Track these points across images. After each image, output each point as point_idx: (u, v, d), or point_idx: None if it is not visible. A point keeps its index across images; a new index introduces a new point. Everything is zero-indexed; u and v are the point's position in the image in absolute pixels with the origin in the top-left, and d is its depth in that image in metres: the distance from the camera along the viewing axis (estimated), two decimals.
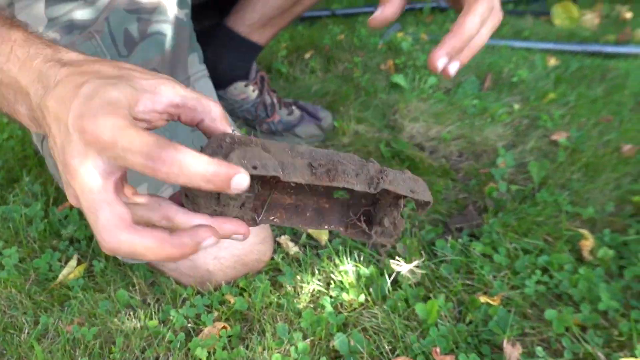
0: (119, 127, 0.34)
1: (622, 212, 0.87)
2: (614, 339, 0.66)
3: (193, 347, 0.65)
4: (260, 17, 1.04)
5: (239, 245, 0.73)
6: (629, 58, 1.39)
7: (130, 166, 0.34)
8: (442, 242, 0.81)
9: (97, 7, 0.68)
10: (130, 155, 0.34)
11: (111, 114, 0.34)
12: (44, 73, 0.39)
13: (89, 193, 0.35)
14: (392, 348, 0.66)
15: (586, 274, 0.73)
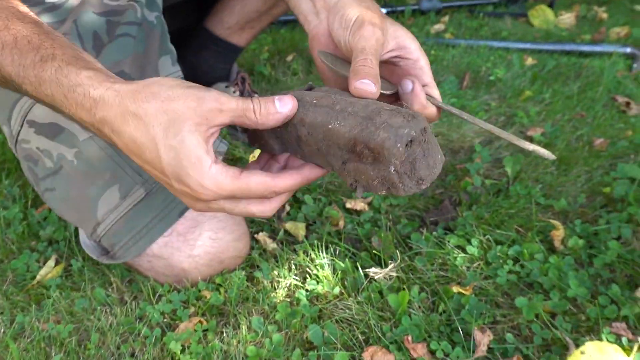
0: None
1: (593, 203, 0.89)
2: (582, 324, 0.67)
3: (168, 341, 0.66)
4: (239, 20, 1.05)
5: (214, 243, 0.73)
6: (604, 56, 1.41)
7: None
8: (417, 235, 0.82)
9: (64, 10, 0.69)
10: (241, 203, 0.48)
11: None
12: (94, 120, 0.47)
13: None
14: (365, 338, 0.67)
15: (556, 262, 0.75)
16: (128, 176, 0.68)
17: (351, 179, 0.46)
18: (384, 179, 0.44)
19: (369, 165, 0.44)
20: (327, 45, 0.58)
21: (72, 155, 0.68)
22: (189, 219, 0.71)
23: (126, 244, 0.70)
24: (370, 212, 0.89)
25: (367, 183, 0.45)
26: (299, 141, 0.48)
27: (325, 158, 0.47)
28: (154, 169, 0.46)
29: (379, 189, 0.44)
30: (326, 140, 0.46)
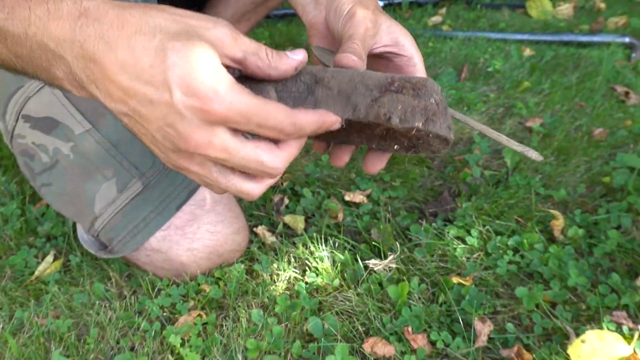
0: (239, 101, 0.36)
1: (593, 193, 0.89)
2: (582, 313, 0.67)
3: (167, 335, 0.65)
4: (235, 13, 1.05)
5: (212, 236, 0.73)
6: (602, 46, 1.41)
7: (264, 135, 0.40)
8: (417, 227, 0.82)
9: None
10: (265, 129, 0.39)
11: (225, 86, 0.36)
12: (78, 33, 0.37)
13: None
14: (365, 329, 0.67)
15: (556, 252, 0.75)
16: (125, 169, 0.68)
17: (385, 110, 0.44)
18: (424, 108, 0.44)
19: (409, 97, 0.44)
20: (325, 36, 0.58)
21: (68, 149, 0.68)
22: (187, 213, 0.71)
23: (124, 238, 0.70)
24: (369, 204, 0.88)
25: (404, 113, 0.44)
26: (314, 86, 0.45)
27: (349, 98, 0.45)
28: (148, 83, 0.36)
29: (417, 118, 0.44)
30: (352, 82, 0.45)
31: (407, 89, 0.44)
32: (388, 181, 0.94)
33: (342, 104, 0.44)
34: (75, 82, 0.40)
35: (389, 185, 0.94)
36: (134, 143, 0.69)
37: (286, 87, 0.45)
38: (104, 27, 0.37)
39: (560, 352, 0.61)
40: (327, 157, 0.99)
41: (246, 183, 0.43)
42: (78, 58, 0.38)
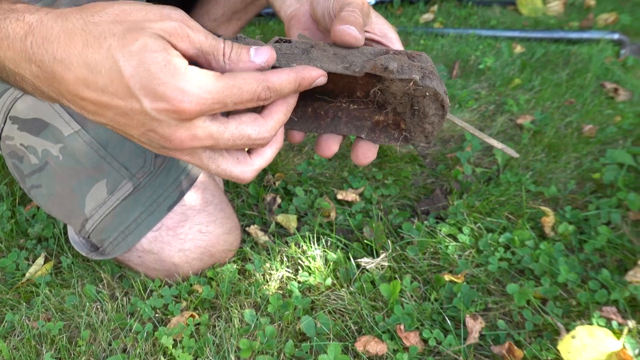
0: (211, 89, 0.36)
1: (583, 189, 0.89)
2: (573, 309, 0.68)
3: (160, 336, 0.65)
4: (225, 11, 1.04)
5: (204, 237, 0.73)
6: (592, 43, 1.42)
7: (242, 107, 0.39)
8: (409, 225, 0.82)
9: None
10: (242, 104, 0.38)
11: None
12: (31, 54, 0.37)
13: None
14: (358, 328, 0.67)
15: (547, 249, 0.75)
16: (115, 171, 0.68)
17: (381, 62, 0.43)
18: (421, 68, 0.44)
19: (406, 57, 0.44)
20: (308, 26, 0.56)
21: (57, 150, 0.67)
22: (178, 213, 0.71)
23: (115, 240, 0.69)
24: (362, 202, 0.88)
25: (401, 66, 0.44)
26: (310, 49, 0.44)
27: (345, 58, 0.45)
28: (115, 96, 0.36)
29: (414, 72, 0.44)
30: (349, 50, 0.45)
31: (403, 55, 0.45)
32: (380, 179, 0.95)
33: (337, 62, 0.44)
34: (45, 95, 0.40)
35: (382, 184, 0.94)
36: (124, 144, 0.69)
37: (281, 50, 0.44)
38: (54, 46, 0.36)
39: (550, 348, 0.62)
40: (319, 156, 0.99)
41: (236, 167, 0.42)
42: (40, 78, 0.37)
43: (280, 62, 0.43)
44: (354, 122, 0.49)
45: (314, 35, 0.56)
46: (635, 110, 1.10)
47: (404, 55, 0.45)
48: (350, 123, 0.49)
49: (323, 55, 0.44)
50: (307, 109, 0.49)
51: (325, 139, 0.50)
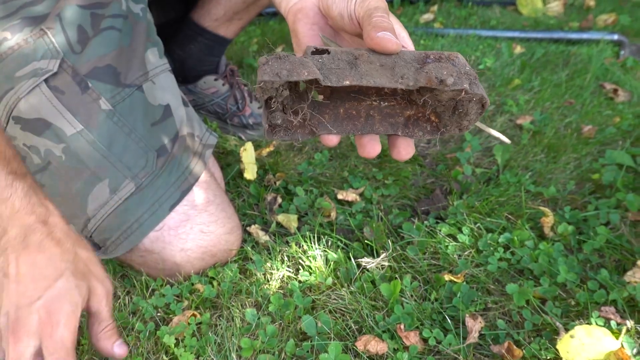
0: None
1: (582, 190, 0.90)
2: (572, 309, 0.68)
3: (162, 335, 0.66)
4: (226, 11, 1.04)
5: (206, 236, 0.73)
6: (591, 44, 1.42)
7: None
8: (409, 225, 0.82)
9: (47, 4, 0.68)
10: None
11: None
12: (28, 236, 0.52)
13: None
14: (358, 327, 0.68)
15: (546, 249, 0.76)
16: (117, 170, 0.68)
17: (434, 74, 0.44)
18: (467, 74, 0.45)
19: (450, 64, 0.45)
20: (317, 21, 0.56)
21: (60, 150, 0.68)
22: (180, 213, 0.71)
23: (117, 239, 0.70)
24: (362, 202, 0.89)
25: (449, 76, 0.44)
26: (355, 60, 0.45)
27: (393, 70, 0.45)
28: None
29: (463, 80, 0.44)
30: (390, 58, 0.46)
31: (444, 60, 0.46)
32: (380, 179, 0.95)
33: (388, 75, 0.44)
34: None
35: (382, 184, 0.94)
36: (127, 144, 0.69)
37: (325, 65, 0.44)
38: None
39: (549, 347, 0.63)
40: (320, 156, 1.00)
41: None
42: None
43: (330, 79, 0.43)
44: (387, 119, 0.49)
45: (323, 30, 0.56)
46: (634, 111, 1.11)
47: (446, 61, 0.46)
48: (384, 121, 0.49)
49: (371, 68, 0.44)
50: (339, 110, 0.49)
51: (368, 139, 0.49)
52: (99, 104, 0.68)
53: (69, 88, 0.68)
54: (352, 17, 0.50)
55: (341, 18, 0.52)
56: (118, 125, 0.69)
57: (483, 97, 0.45)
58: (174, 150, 0.72)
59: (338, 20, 0.53)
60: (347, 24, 0.52)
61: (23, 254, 0.52)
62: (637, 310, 0.67)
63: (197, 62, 1.10)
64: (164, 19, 1.12)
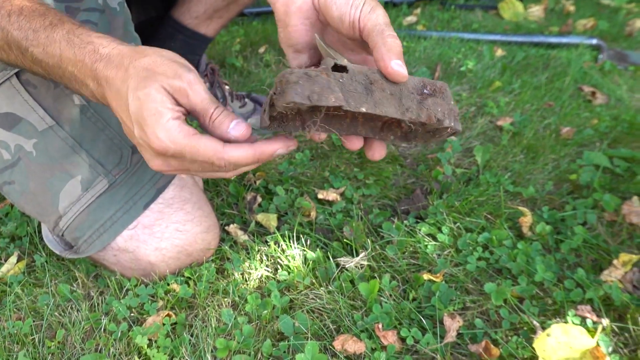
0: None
1: (560, 190, 0.91)
2: (549, 307, 0.69)
3: (134, 336, 0.64)
4: (207, 9, 1.03)
5: (182, 235, 0.72)
6: (571, 47, 1.44)
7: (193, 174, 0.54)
8: (389, 225, 0.82)
9: None
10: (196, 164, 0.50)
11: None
12: (96, 73, 0.51)
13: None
14: (336, 327, 0.67)
15: (524, 248, 0.76)
16: (90, 167, 0.66)
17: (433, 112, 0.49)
18: (451, 111, 0.50)
19: (441, 99, 0.50)
20: (309, 15, 0.55)
21: (31, 146, 0.66)
22: (155, 211, 0.70)
23: (90, 238, 0.68)
24: (343, 202, 0.88)
25: (443, 115, 0.50)
26: (370, 86, 0.48)
27: (400, 101, 0.49)
28: (125, 116, 0.50)
29: (451, 120, 0.50)
30: (398, 86, 0.49)
31: (437, 93, 0.51)
32: (362, 179, 0.95)
33: (396, 105, 0.49)
34: (96, 99, 0.54)
35: (363, 183, 0.94)
36: (99, 140, 0.67)
37: (345, 86, 0.47)
38: (109, 75, 0.50)
39: (526, 346, 0.62)
40: (301, 156, 0.99)
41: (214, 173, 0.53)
42: (97, 91, 0.53)
43: (349, 104, 0.46)
44: (369, 123, 0.53)
45: (314, 25, 0.55)
46: (611, 113, 1.12)
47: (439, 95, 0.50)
48: (366, 124, 0.53)
49: (383, 96, 0.48)
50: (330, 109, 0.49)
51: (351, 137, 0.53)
52: (72, 98, 0.67)
53: (41, 82, 0.66)
54: (354, 25, 0.51)
55: (341, 22, 0.52)
56: (91, 121, 0.67)
57: (458, 131, 0.51)
58: None
59: (336, 22, 0.53)
60: (345, 28, 0.52)
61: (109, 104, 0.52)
62: (613, 309, 0.68)
63: None
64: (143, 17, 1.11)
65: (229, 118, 0.49)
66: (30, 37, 0.53)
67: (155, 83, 0.47)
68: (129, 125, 0.51)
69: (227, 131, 0.48)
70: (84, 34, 0.53)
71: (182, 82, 0.48)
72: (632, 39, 1.54)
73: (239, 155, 0.48)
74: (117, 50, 0.51)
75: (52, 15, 0.54)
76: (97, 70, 0.51)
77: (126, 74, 0.49)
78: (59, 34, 0.52)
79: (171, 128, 0.47)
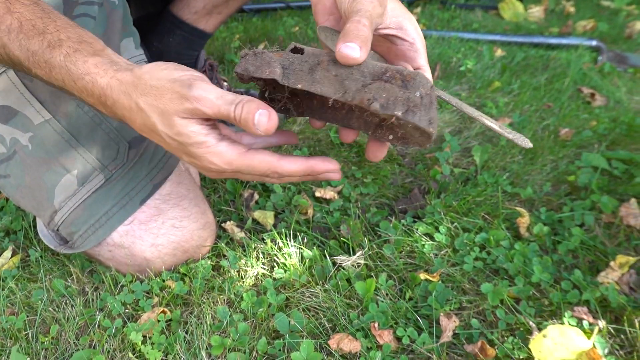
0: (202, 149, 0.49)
1: (558, 191, 0.91)
2: (545, 308, 0.68)
3: (128, 332, 0.64)
4: (206, 4, 1.03)
5: (178, 232, 0.71)
6: (570, 49, 1.44)
7: None
8: (386, 224, 0.82)
9: None
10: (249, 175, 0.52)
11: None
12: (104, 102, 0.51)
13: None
14: (332, 326, 0.67)
15: (521, 249, 0.76)
16: (86, 162, 0.66)
17: (370, 95, 0.47)
18: (407, 99, 0.46)
19: (396, 87, 0.47)
20: (332, 12, 0.57)
21: (27, 139, 0.65)
22: (152, 207, 0.69)
23: (85, 233, 0.68)
24: (340, 200, 0.88)
25: (386, 100, 0.47)
26: (315, 67, 0.49)
27: (342, 82, 0.48)
28: (164, 144, 0.51)
29: (398, 107, 0.46)
30: (350, 69, 0.48)
31: (397, 79, 0.47)
32: (359, 178, 0.94)
33: (335, 86, 0.48)
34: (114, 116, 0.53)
35: (361, 182, 0.93)
36: (96, 135, 0.67)
37: (292, 65, 0.49)
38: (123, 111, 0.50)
39: (522, 346, 0.62)
40: (299, 153, 0.98)
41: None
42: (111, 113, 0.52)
43: (289, 80, 0.48)
44: (364, 117, 0.52)
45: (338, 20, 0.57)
46: (610, 115, 1.12)
47: (397, 81, 0.47)
48: (361, 118, 0.52)
49: (324, 77, 0.48)
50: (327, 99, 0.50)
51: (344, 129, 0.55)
52: None
53: None
54: (346, 14, 0.51)
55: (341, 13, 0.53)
56: (88, 115, 0.66)
57: (417, 126, 0.47)
58: (147, 141, 0.70)
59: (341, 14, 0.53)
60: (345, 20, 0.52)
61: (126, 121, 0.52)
62: (609, 311, 0.68)
63: (176, 55, 1.08)
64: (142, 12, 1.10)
65: (251, 113, 0.46)
66: (31, 59, 0.52)
67: (173, 118, 0.47)
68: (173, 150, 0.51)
69: (254, 129, 0.47)
70: (79, 60, 0.50)
71: (191, 103, 0.46)
72: (631, 41, 1.54)
73: (292, 169, 0.50)
74: (116, 80, 0.49)
75: (49, 33, 0.51)
76: (106, 101, 0.50)
77: (142, 111, 0.49)
78: (56, 59, 0.50)
79: (222, 152, 0.48)
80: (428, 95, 0.48)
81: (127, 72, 0.49)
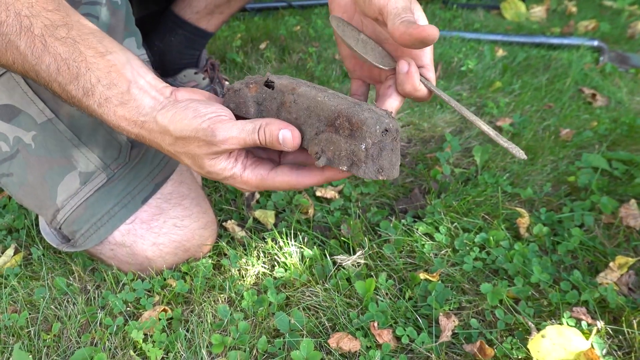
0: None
1: (558, 192, 0.91)
2: (544, 309, 0.69)
3: (130, 330, 0.64)
4: (207, 4, 1.03)
5: (179, 231, 0.72)
6: (572, 49, 1.44)
7: None
8: (386, 223, 0.82)
9: None
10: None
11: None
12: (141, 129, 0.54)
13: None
14: (332, 325, 0.67)
15: (521, 249, 0.76)
16: (88, 161, 0.66)
17: (319, 148, 0.49)
18: (352, 153, 0.47)
19: (342, 138, 0.48)
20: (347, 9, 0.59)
21: (30, 138, 0.66)
22: (153, 206, 0.70)
23: (87, 232, 0.68)
24: (341, 200, 0.88)
25: (333, 155, 0.48)
26: (281, 107, 0.52)
27: (300, 127, 0.51)
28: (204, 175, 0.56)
29: (342, 162, 0.48)
30: (309, 111, 0.50)
31: (345, 130, 0.48)
32: (360, 177, 0.95)
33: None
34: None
35: (361, 182, 0.94)
36: (98, 134, 0.67)
37: (265, 101, 0.53)
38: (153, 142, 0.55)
39: (521, 347, 0.63)
40: None
41: None
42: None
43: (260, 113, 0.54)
44: None
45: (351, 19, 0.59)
46: (611, 115, 1.12)
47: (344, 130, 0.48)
48: None
49: (287, 119, 0.52)
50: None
51: None
52: None
53: None
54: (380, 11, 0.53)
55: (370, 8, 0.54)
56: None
57: (363, 178, 0.50)
58: None
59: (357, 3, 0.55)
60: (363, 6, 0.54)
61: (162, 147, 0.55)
62: (608, 311, 0.68)
63: (177, 55, 1.09)
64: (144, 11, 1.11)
65: (274, 135, 0.50)
66: (71, 100, 0.54)
67: (202, 160, 0.52)
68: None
69: (283, 148, 0.50)
70: (110, 111, 0.53)
71: (218, 147, 0.50)
72: (633, 41, 1.54)
73: (311, 182, 0.53)
74: (145, 131, 0.53)
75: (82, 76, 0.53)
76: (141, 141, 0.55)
77: (173, 155, 0.54)
78: (92, 107, 0.53)
79: (248, 180, 0.53)
80: (377, 144, 0.47)
81: (153, 124, 0.52)
